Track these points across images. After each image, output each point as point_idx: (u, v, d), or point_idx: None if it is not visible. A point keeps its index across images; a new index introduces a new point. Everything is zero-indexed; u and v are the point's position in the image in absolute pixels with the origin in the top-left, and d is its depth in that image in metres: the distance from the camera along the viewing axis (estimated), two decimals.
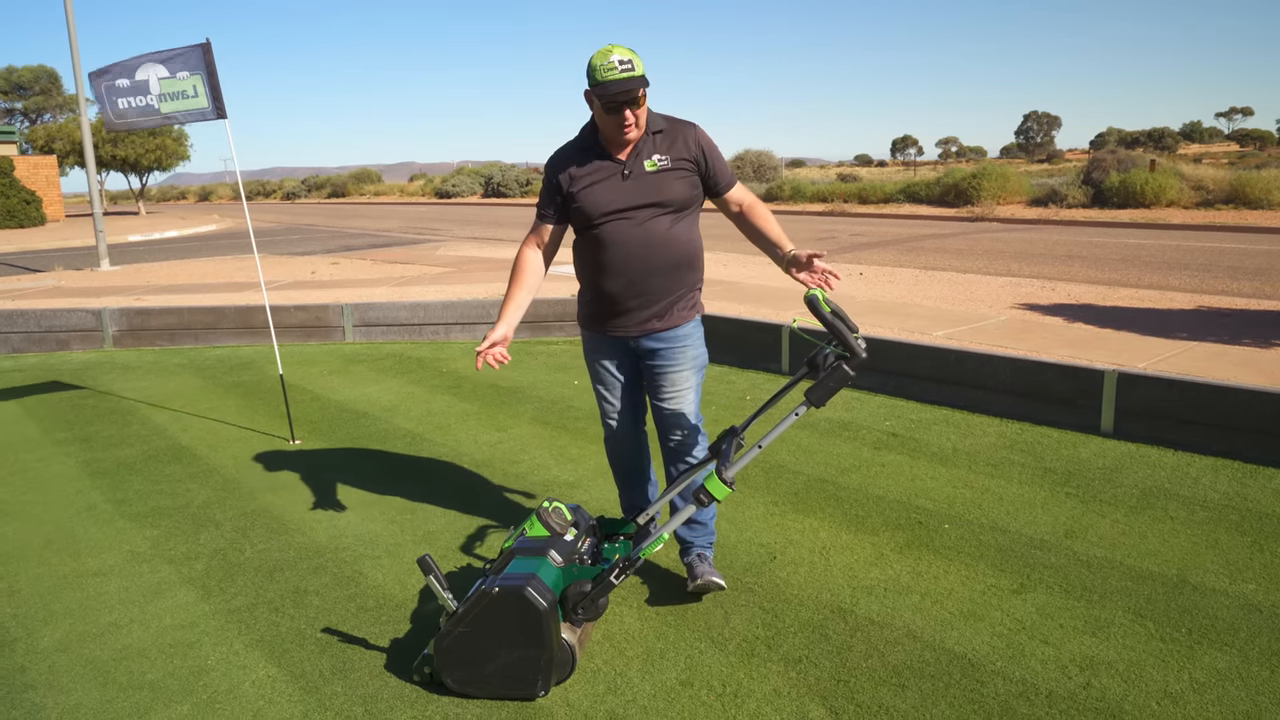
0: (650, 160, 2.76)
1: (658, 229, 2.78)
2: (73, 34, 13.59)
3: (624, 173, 2.75)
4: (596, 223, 2.78)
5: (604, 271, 2.83)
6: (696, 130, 2.84)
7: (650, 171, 2.76)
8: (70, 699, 2.52)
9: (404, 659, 2.66)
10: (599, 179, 2.77)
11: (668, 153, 2.78)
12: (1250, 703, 2.35)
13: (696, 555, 3.03)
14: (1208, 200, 18.35)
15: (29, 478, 4.42)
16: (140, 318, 7.75)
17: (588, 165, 2.78)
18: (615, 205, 2.76)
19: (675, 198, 2.78)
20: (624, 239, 2.77)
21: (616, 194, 2.76)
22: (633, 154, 2.76)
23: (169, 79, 4.88)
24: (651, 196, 2.76)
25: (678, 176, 2.78)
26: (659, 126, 2.79)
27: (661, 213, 2.78)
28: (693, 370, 2.96)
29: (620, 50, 2.63)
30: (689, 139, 2.80)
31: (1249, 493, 3.74)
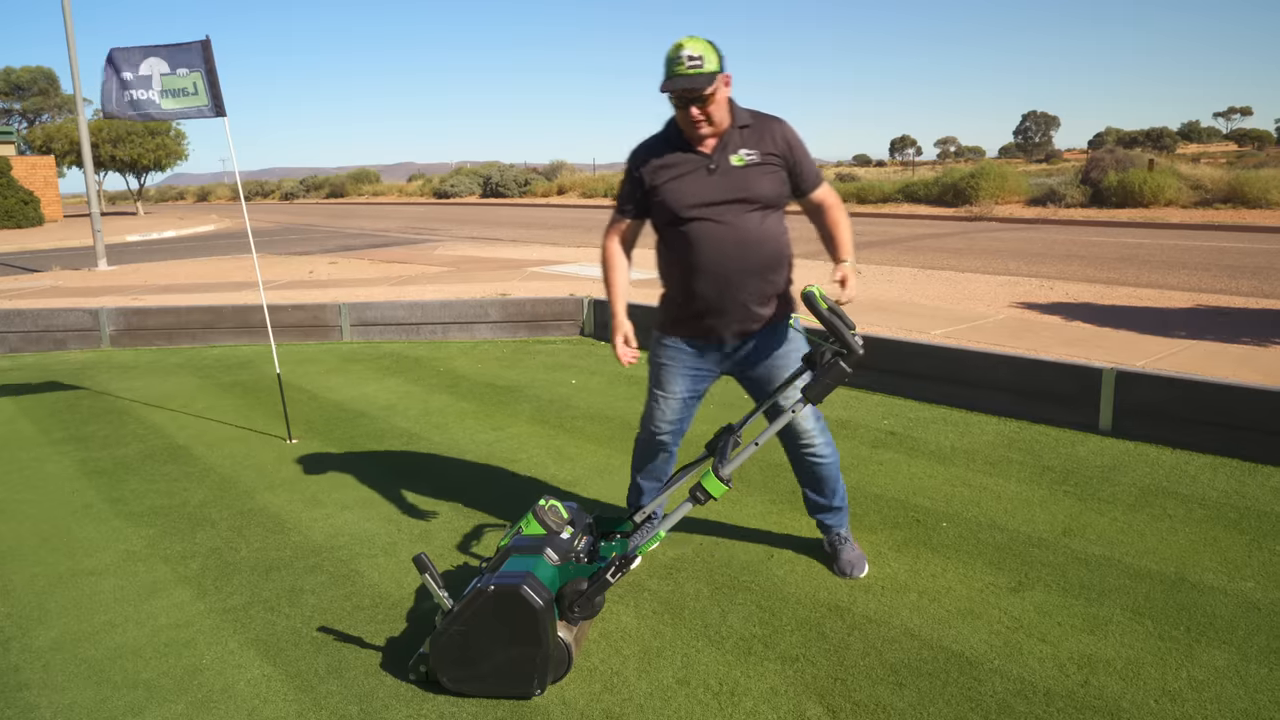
0: (737, 155, 2.70)
1: (749, 225, 2.73)
2: (70, 34, 13.57)
3: (709, 167, 2.70)
4: (684, 218, 2.73)
5: (696, 272, 2.76)
6: (784, 126, 2.79)
7: (737, 166, 2.70)
8: (65, 698, 2.51)
9: (400, 658, 2.65)
10: (684, 173, 2.72)
11: (755, 147, 2.72)
12: (1249, 700, 2.34)
13: (837, 536, 3.13)
14: (1206, 200, 18.35)
15: (25, 477, 4.41)
16: (138, 317, 7.73)
17: (672, 159, 2.73)
18: (702, 200, 2.70)
19: (764, 193, 2.73)
20: (715, 236, 2.71)
21: (703, 189, 2.70)
22: (719, 148, 2.71)
23: (170, 75, 4.86)
24: (739, 192, 2.71)
25: (765, 172, 2.73)
26: (745, 121, 2.74)
27: (751, 209, 2.73)
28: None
29: (693, 44, 2.58)
30: (776, 134, 2.75)
31: (1248, 491, 3.73)
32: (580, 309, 7.42)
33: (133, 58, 4.79)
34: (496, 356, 6.82)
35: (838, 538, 3.17)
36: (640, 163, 2.78)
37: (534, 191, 36.62)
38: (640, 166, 2.78)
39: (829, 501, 3.14)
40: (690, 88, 2.56)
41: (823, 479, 3.08)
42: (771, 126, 2.76)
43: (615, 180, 33.89)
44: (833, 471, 3.07)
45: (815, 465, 3.04)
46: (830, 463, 3.05)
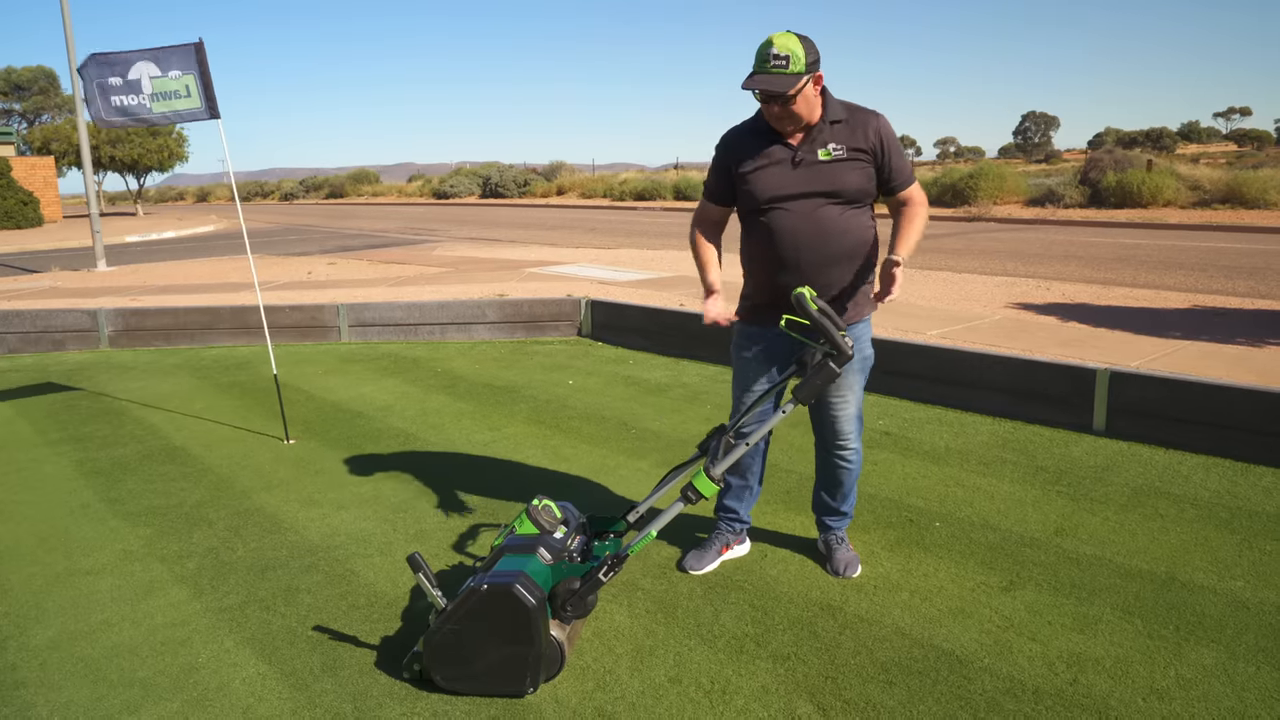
0: (825, 149, 2.70)
1: (828, 217, 2.73)
2: (69, 35, 13.59)
3: (795, 159, 2.71)
4: (764, 207, 2.75)
5: (775, 263, 2.79)
6: (879, 121, 2.76)
7: (823, 160, 2.70)
8: (61, 696, 2.53)
9: (394, 656, 2.66)
10: (769, 163, 2.73)
11: (845, 142, 2.71)
12: (1236, 699, 2.36)
13: (834, 536, 3.17)
14: (1204, 200, 18.38)
15: (23, 477, 4.42)
16: (136, 318, 7.75)
17: (758, 148, 2.74)
18: (784, 191, 2.72)
19: (848, 188, 2.72)
20: (794, 227, 2.73)
21: (786, 180, 2.72)
22: (806, 140, 2.71)
23: (161, 78, 4.85)
24: (822, 185, 2.71)
25: (852, 167, 2.72)
26: (839, 116, 2.72)
27: (831, 202, 2.72)
28: (858, 373, 2.95)
29: (783, 41, 2.56)
30: (869, 129, 2.73)
31: (1240, 491, 3.75)
32: (578, 309, 7.44)
33: (117, 62, 4.77)
34: (494, 357, 6.84)
35: (834, 538, 3.20)
36: (727, 151, 2.81)
37: (533, 192, 36.64)
38: (727, 155, 2.81)
39: (838, 506, 3.18)
40: (769, 88, 2.56)
41: (841, 483, 3.12)
42: (866, 121, 2.74)
43: (614, 181, 33.91)
44: (852, 479, 3.13)
45: (840, 469, 3.09)
46: (854, 469, 3.10)
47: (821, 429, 3.08)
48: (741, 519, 3.21)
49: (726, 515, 3.20)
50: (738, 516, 3.20)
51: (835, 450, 3.07)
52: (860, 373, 2.97)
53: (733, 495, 3.18)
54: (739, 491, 3.17)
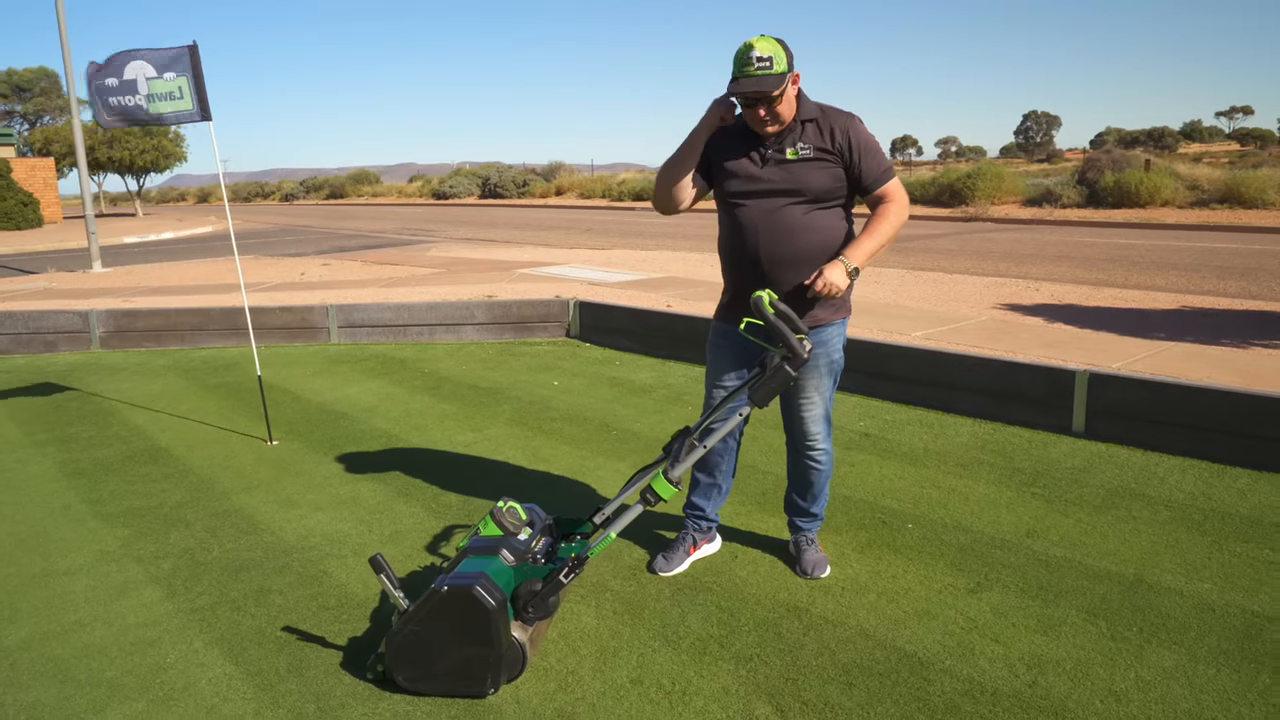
0: (793, 148, 2.74)
1: (789, 217, 2.76)
2: (64, 36, 13.62)
3: (763, 155, 2.76)
4: (728, 201, 2.83)
5: (733, 257, 2.88)
6: (849, 122, 2.78)
7: (790, 160, 2.74)
8: (28, 696, 2.55)
9: (360, 657, 2.68)
10: (738, 157, 2.80)
11: (813, 142, 2.75)
12: (1193, 701, 2.37)
13: (804, 538, 3.19)
14: (1202, 200, 18.37)
15: (6, 478, 4.44)
16: (127, 319, 7.77)
17: (733, 142, 2.81)
18: (746, 187, 2.78)
19: (812, 187, 2.75)
20: (755, 224, 2.78)
21: (751, 176, 2.78)
22: (777, 139, 2.76)
23: (156, 79, 4.89)
24: (786, 184, 2.75)
25: (818, 167, 2.75)
26: (811, 115, 2.76)
27: (795, 201, 2.76)
28: (825, 375, 2.96)
29: (764, 44, 2.61)
30: (837, 130, 2.75)
31: (1214, 492, 3.76)
32: (566, 311, 7.46)
33: (115, 64, 4.83)
34: (481, 358, 6.86)
35: (804, 539, 3.21)
36: (711, 140, 2.86)
37: (532, 192, 36.67)
38: (709, 143, 2.85)
39: (808, 507, 3.20)
40: (758, 90, 2.60)
41: (811, 484, 3.14)
42: (836, 122, 2.76)
43: (613, 181, 33.93)
44: (822, 480, 3.15)
45: (810, 469, 3.11)
46: (824, 471, 3.12)
47: (791, 430, 3.10)
48: (709, 517, 3.22)
49: (694, 514, 3.22)
50: (704, 515, 3.21)
51: (804, 451, 3.09)
52: (828, 375, 2.98)
53: (700, 493, 3.20)
54: (706, 490, 3.19)
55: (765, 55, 2.59)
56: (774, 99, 2.65)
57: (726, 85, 2.67)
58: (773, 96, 2.63)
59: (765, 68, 2.59)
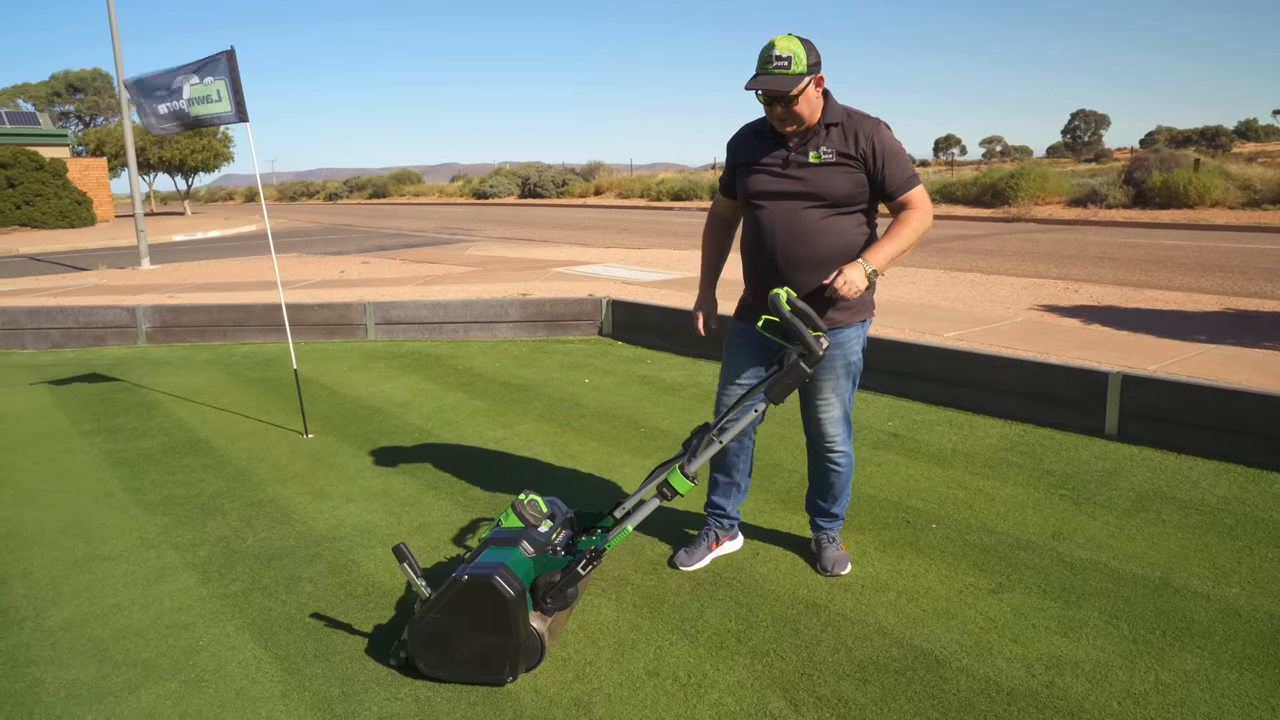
0: (815, 152, 2.75)
1: (807, 220, 2.78)
2: (115, 36, 14.01)
3: (785, 159, 2.79)
4: (752, 204, 2.87)
5: (752, 256, 2.93)
6: (876, 128, 2.77)
7: (812, 163, 2.76)
8: (68, 674, 2.66)
9: (384, 644, 2.75)
10: (761, 161, 2.83)
11: (836, 146, 2.75)
12: (1213, 705, 2.35)
13: (825, 535, 3.20)
14: (1255, 200, 17.91)
15: (54, 467, 4.61)
16: (172, 315, 7.99)
17: (758, 146, 2.85)
18: (768, 189, 2.82)
19: (833, 191, 2.75)
20: (772, 225, 2.82)
21: (773, 178, 2.81)
22: (800, 143, 2.77)
23: (199, 84, 5.06)
24: (805, 187, 2.77)
25: (840, 171, 2.75)
26: (837, 119, 2.76)
27: (814, 205, 2.77)
28: (842, 377, 2.95)
29: (785, 43, 2.62)
30: (862, 135, 2.75)
31: (1248, 497, 3.69)
32: (599, 309, 7.52)
33: (162, 80, 5.04)
34: (514, 355, 6.94)
35: (825, 537, 3.22)
36: (732, 148, 2.94)
37: (571, 192, 36.86)
38: (732, 151, 2.93)
39: (829, 508, 3.20)
40: (772, 88, 2.62)
41: (831, 486, 3.15)
42: (861, 127, 2.76)
43: (651, 181, 33.99)
44: (843, 481, 3.15)
45: (830, 471, 3.11)
46: (843, 472, 3.12)
47: (810, 432, 3.11)
48: (730, 515, 3.25)
49: (715, 512, 3.25)
50: (725, 513, 3.24)
51: (823, 452, 3.10)
52: (845, 377, 2.97)
53: (720, 492, 3.22)
54: (726, 489, 3.21)
55: (785, 55, 2.61)
56: (790, 99, 2.65)
57: (746, 82, 2.69)
58: (789, 96, 2.64)
59: (783, 67, 2.61)
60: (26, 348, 8.03)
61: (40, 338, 8.02)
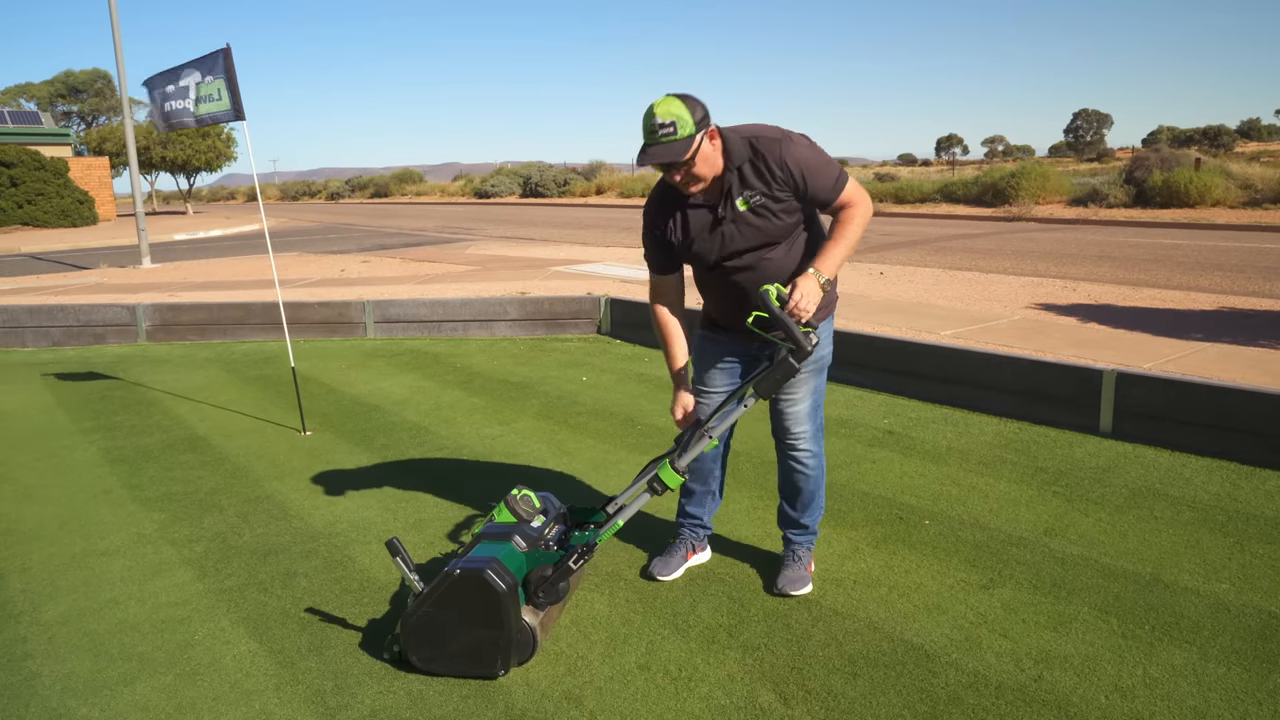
0: (741, 199, 2.61)
1: (772, 260, 2.70)
2: (117, 37, 14.04)
3: (720, 217, 2.64)
4: (712, 267, 2.75)
5: (722, 304, 2.83)
6: (788, 148, 2.60)
7: (744, 211, 2.63)
8: (65, 667, 2.68)
9: (378, 638, 2.77)
10: (700, 226, 2.67)
11: (759, 185, 2.60)
12: (1200, 699, 2.36)
13: (791, 552, 3.09)
14: (1256, 200, 17.89)
15: (54, 463, 4.63)
16: (172, 313, 8.02)
17: (684, 213, 2.68)
18: (726, 251, 2.67)
19: (776, 229, 2.66)
20: (742, 279, 2.72)
21: (719, 242, 2.67)
22: (719, 194, 2.62)
23: (202, 83, 5.10)
24: (756, 239, 2.66)
25: (775, 209, 2.64)
26: (744, 158, 2.59)
27: (771, 248, 2.69)
28: (812, 373, 2.90)
29: (666, 107, 2.47)
30: (775, 164, 2.59)
31: (1240, 494, 3.71)
32: (597, 307, 7.53)
33: (171, 76, 5.08)
34: (513, 354, 6.96)
35: (791, 553, 3.09)
36: (657, 223, 2.73)
37: (573, 191, 36.88)
38: (658, 226, 2.73)
39: (798, 516, 3.07)
40: (664, 159, 2.49)
41: (800, 490, 3.02)
42: (771, 154, 2.59)
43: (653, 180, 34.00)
44: (812, 485, 3.02)
45: (797, 472, 2.99)
46: (812, 474, 3.00)
47: (777, 429, 3.00)
48: (704, 525, 3.18)
49: (690, 522, 3.17)
50: (701, 523, 3.17)
51: (789, 451, 2.98)
52: (816, 373, 2.92)
53: (695, 502, 3.14)
54: (701, 498, 3.13)
55: (668, 121, 2.45)
56: (686, 163, 2.52)
57: (637, 157, 2.55)
58: (684, 161, 2.51)
59: (669, 133, 2.46)
60: (27, 345, 8.06)
61: (41, 336, 8.05)
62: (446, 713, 2.41)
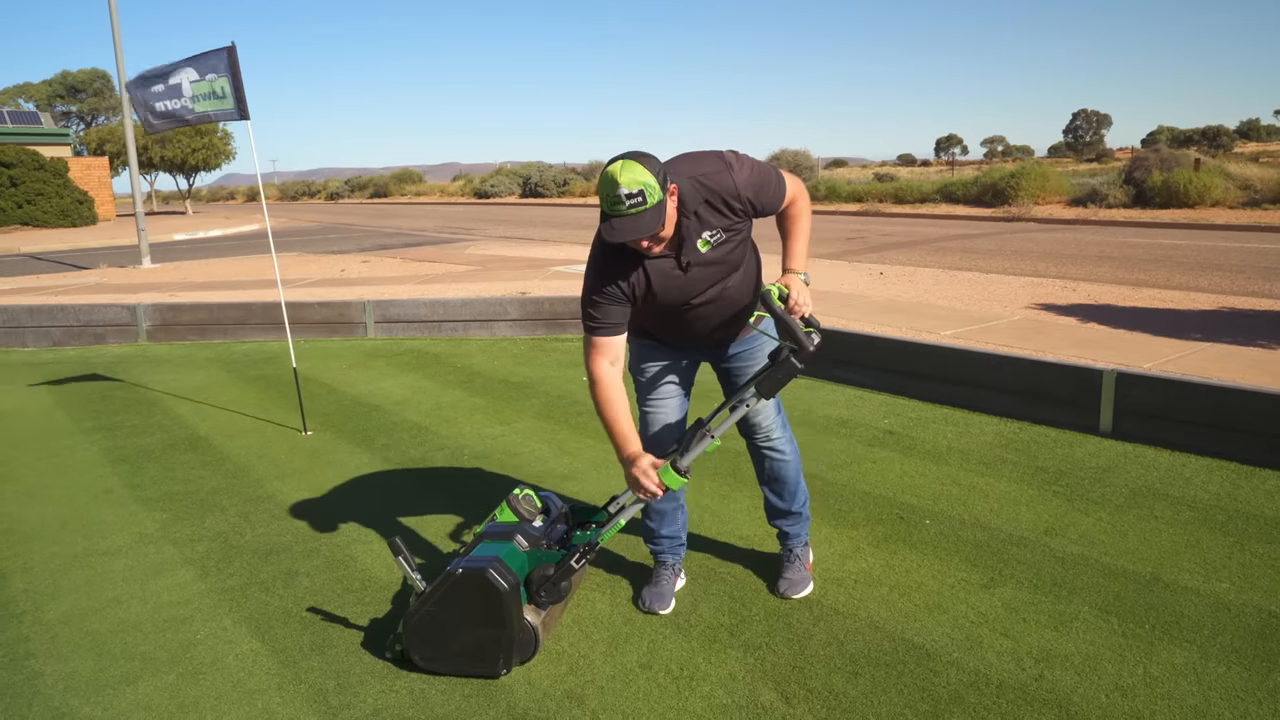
0: (701, 239, 2.51)
1: (733, 290, 2.68)
2: (117, 37, 14.04)
3: (682, 265, 2.53)
4: (674, 311, 2.67)
5: (677, 334, 2.78)
6: (732, 176, 2.49)
7: (706, 252, 2.54)
8: (67, 667, 2.68)
9: (380, 637, 2.78)
10: (662, 275, 2.53)
11: (716, 223, 2.51)
12: (1200, 697, 2.37)
13: (788, 551, 3.06)
14: (1255, 200, 17.91)
15: (55, 463, 4.64)
16: (172, 313, 8.02)
17: (642, 267, 2.51)
18: (690, 296, 2.60)
19: (737, 259, 2.63)
20: (708, 315, 2.69)
21: (686, 286, 2.57)
22: (680, 242, 2.50)
23: (199, 81, 5.08)
24: (718, 275, 2.61)
25: (733, 241, 2.58)
26: (697, 200, 2.46)
27: (732, 275, 2.66)
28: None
29: (631, 175, 2.27)
30: (727, 194, 2.48)
31: (1240, 494, 3.71)
32: None
33: (159, 74, 5.05)
34: (513, 354, 6.96)
35: (788, 551, 3.07)
36: (614, 283, 2.51)
37: (572, 191, 36.90)
38: (615, 283, 2.51)
39: (788, 505, 3.03)
40: (640, 235, 2.32)
41: (782, 479, 2.99)
42: (727, 188, 2.48)
43: None
44: (792, 472, 3.00)
45: (775, 462, 2.98)
46: (790, 462, 2.98)
47: (745, 429, 2.96)
48: (682, 541, 3.07)
49: (669, 542, 3.04)
50: (679, 540, 3.06)
51: (763, 446, 2.96)
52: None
53: (667, 521, 3.01)
54: (672, 515, 3.01)
55: (635, 191, 2.26)
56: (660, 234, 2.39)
57: (600, 225, 2.38)
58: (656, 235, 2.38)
59: (639, 204, 2.28)
60: (27, 346, 8.06)
61: (41, 336, 8.06)
62: (449, 712, 2.41)
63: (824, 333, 2.76)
